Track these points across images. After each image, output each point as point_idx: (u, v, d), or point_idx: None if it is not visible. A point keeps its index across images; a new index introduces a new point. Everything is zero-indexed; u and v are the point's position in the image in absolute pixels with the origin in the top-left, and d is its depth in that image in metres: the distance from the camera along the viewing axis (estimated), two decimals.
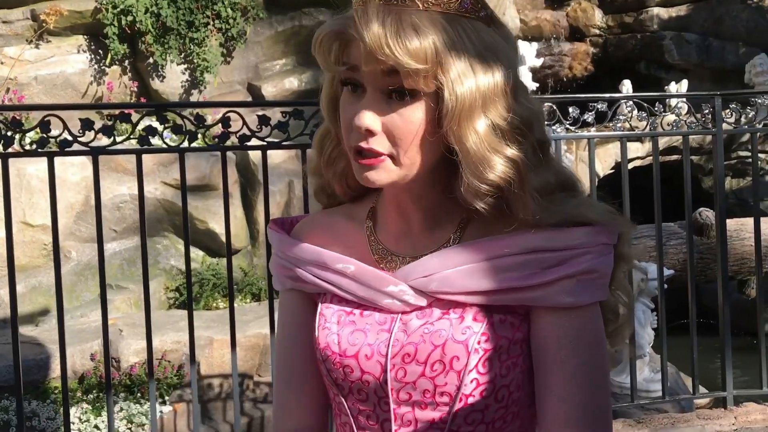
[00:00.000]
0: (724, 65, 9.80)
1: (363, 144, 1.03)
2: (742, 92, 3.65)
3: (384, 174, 1.05)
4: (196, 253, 6.32)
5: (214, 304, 6.06)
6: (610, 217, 1.10)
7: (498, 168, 1.02)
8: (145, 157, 2.90)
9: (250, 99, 7.44)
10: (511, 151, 1.03)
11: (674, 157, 7.28)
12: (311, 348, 1.17)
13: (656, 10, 10.01)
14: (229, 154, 6.87)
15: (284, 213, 6.69)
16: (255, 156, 6.72)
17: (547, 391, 1.07)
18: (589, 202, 1.12)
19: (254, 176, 6.77)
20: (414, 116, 1.02)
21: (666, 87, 8.65)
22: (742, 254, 4.71)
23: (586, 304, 1.08)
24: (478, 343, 1.08)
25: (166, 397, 4.96)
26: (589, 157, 3.13)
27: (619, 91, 7.81)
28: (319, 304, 1.18)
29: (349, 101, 1.05)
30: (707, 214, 4.72)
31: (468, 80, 0.99)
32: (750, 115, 3.14)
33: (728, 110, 3.12)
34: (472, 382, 1.07)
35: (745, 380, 4.34)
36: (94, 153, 2.82)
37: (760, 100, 3.17)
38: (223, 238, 6.56)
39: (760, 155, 8.43)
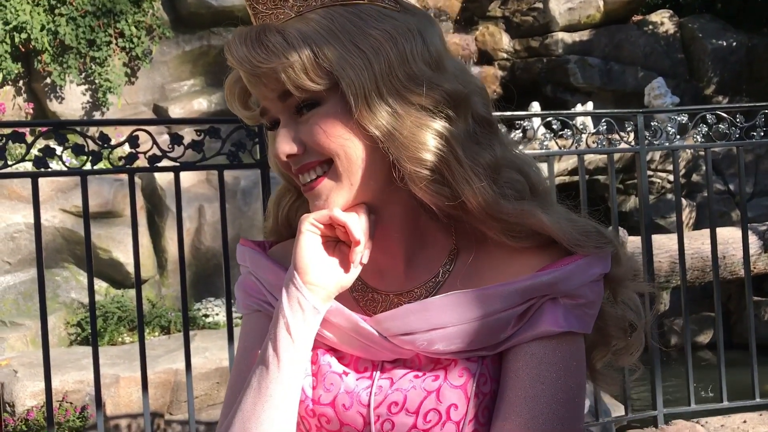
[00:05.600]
0: (625, 88, 10.16)
1: (296, 167, 0.99)
2: (662, 110, 3.70)
3: (326, 193, 0.98)
4: (100, 285, 5.96)
5: (120, 339, 5.73)
6: (594, 241, 0.99)
7: (430, 143, 0.95)
8: (42, 181, 2.63)
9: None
10: (441, 124, 0.96)
11: (576, 177, 7.43)
12: None
13: (560, 35, 10.30)
14: (135, 178, 6.53)
15: (195, 240, 6.40)
16: (162, 180, 6.42)
17: (511, 427, 0.94)
18: (570, 218, 1.01)
19: (162, 202, 6.46)
20: (324, 120, 0.96)
21: (573, 108, 8.87)
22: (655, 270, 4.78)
23: (568, 331, 0.97)
24: (478, 386, 0.95)
25: None
26: None
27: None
28: None
29: (272, 142, 1.01)
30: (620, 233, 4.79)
31: (357, 61, 0.94)
32: (671, 133, 3.17)
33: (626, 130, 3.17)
34: None
35: (676, 397, 4.37)
36: None
37: (679, 118, 3.21)
38: (128, 268, 6.27)
39: (660, 174, 8.76)
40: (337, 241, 0.99)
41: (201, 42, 7.31)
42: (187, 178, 6.00)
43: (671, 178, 8.88)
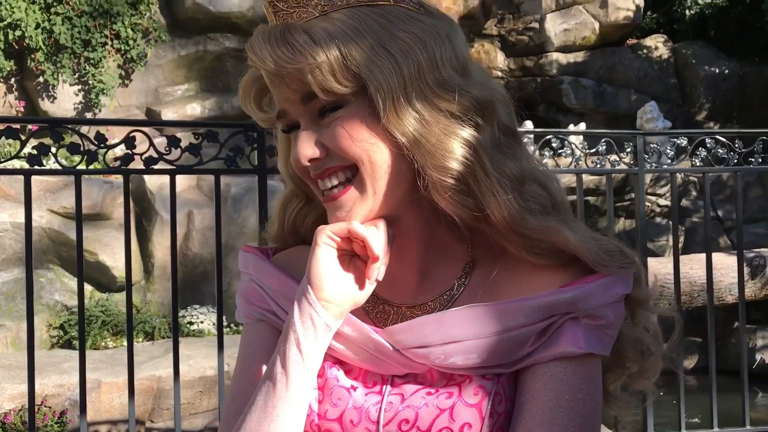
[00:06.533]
0: (618, 110, 10.22)
1: (316, 172, 0.94)
2: (661, 132, 3.69)
3: (350, 204, 0.94)
4: (85, 288, 5.86)
5: (103, 344, 5.65)
6: (617, 261, 0.96)
7: (457, 151, 0.91)
8: (32, 181, 2.55)
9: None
10: (469, 132, 0.93)
11: (571, 197, 7.44)
12: None
13: (555, 55, 10.35)
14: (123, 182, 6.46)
15: (182, 246, 6.33)
16: (152, 185, 6.36)
17: None
18: (593, 236, 0.98)
19: (150, 206, 6.39)
20: (349, 124, 0.92)
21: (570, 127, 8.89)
22: None
23: (588, 353, 0.93)
24: (493, 405, 0.92)
25: None
26: None
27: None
28: None
29: (292, 147, 0.97)
30: None
31: (386, 63, 0.90)
32: (670, 155, 3.16)
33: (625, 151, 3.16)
34: None
35: (664, 421, 4.35)
36: None
37: (678, 141, 3.21)
38: (114, 272, 6.18)
39: (650, 197, 8.78)
40: (352, 255, 0.95)
41: (197, 47, 7.27)
42: (177, 183, 5.94)
43: (661, 201, 8.92)
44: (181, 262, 6.29)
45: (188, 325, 6.01)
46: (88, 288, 5.99)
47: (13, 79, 6.64)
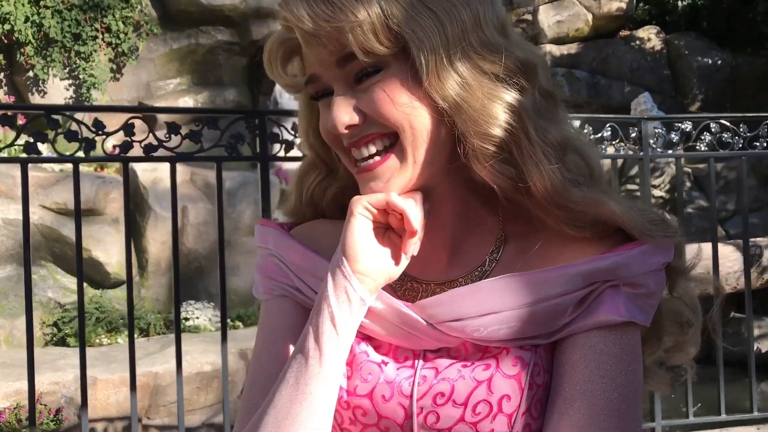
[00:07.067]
0: (611, 102, 10.20)
1: (352, 140, 0.89)
2: (666, 117, 3.65)
3: (389, 175, 0.89)
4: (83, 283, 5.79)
5: (97, 340, 5.59)
6: (662, 230, 0.92)
7: (501, 117, 0.87)
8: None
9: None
10: (513, 96, 0.88)
11: None
12: None
13: (549, 47, 10.33)
14: (116, 176, 6.37)
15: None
16: (145, 179, 6.29)
17: (568, 424, 0.86)
18: (633, 206, 0.94)
19: (144, 201, 6.32)
20: (389, 88, 0.87)
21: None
22: None
23: (629, 321, 0.89)
24: (531, 377, 0.88)
25: None
26: None
27: None
28: None
29: (324, 114, 0.92)
30: None
31: (428, 22, 0.86)
32: (675, 140, 3.13)
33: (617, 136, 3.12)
34: (524, 428, 0.87)
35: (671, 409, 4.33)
36: None
37: (683, 125, 3.17)
38: (108, 268, 6.11)
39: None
40: (386, 228, 0.90)
41: (189, 40, 7.19)
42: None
43: (656, 192, 8.92)
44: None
45: (184, 321, 5.95)
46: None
47: (2, 74, 6.56)
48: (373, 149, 0.90)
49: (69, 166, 2.47)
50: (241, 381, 5.12)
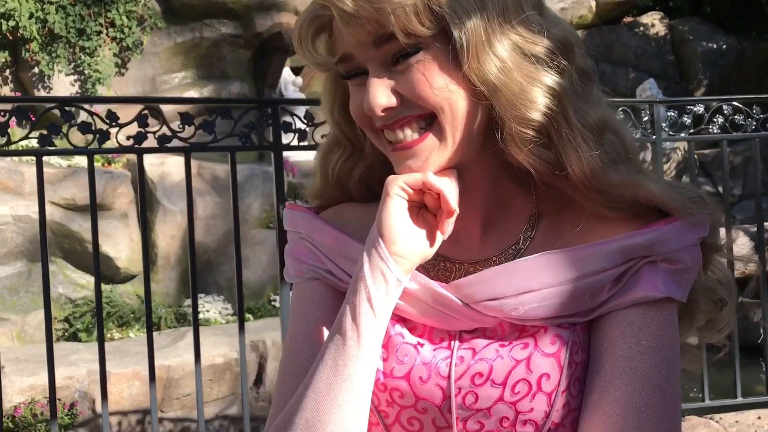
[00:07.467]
0: (617, 89, 10.17)
1: (387, 122, 0.88)
2: (679, 100, 3.64)
3: (426, 153, 0.88)
4: (88, 279, 5.82)
5: (108, 335, 5.60)
6: (700, 207, 0.92)
7: (540, 100, 0.85)
8: (31, 173, 2.50)
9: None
10: (553, 79, 0.86)
11: None
12: None
13: None
14: (124, 171, 6.38)
15: (186, 235, 6.28)
16: (153, 174, 6.29)
17: (609, 401, 0.85)
18: (671, 184, 0.93)
19: (152, 195, 6.33)
20: (428, 69, 0.86)
21: None
22: None
23: (667, 297, 0.89)
24: (570, 355, 0.87)
25: None
26: None
27: None
28: None
29: (356, 95, 0.91)
30: None
31: (469, 3, 0.84)
32: (687, 123, 3.12)
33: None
34: (564, 406, 0.86)
35: (688, 392, 4.33)
36: None
37: (695, 108, 3.16)
38: (118, 263, 6.12)
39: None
40: (420, 207, 0.90)
41: (193, 33, 7.18)
42: (179, 171, 5.89)
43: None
44: (184, 251, 6.23)
45: None
46: (91, 279, 5.93)
47: (7, 71, 6.55)
48: (408, 132, 0.89)
49: (76, 161, 2.47)
50: (253, 372, 5.13)
